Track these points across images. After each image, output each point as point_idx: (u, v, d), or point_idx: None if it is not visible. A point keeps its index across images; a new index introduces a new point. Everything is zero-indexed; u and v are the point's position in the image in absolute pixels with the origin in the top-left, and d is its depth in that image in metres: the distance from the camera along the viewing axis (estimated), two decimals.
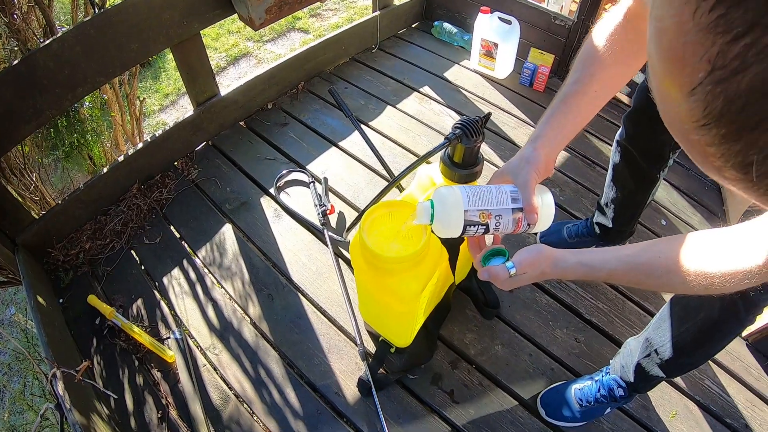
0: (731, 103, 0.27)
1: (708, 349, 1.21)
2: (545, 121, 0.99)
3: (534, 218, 0.96)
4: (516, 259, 0.96)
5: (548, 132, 0.98)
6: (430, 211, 0.96)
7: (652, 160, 1.57)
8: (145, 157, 2.16)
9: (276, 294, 1.83)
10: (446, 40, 3.16)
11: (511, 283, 0.97)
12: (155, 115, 4.19)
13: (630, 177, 1.65)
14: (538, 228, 1.01)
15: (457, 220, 0.92)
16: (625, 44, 0.92)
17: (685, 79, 0.29)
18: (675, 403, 1.60)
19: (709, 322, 1.14)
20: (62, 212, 1.94)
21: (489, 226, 0.95)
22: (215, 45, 4.85)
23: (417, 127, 2.52)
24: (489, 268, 0.97)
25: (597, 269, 0.90)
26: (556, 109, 0.98)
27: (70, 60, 1.67)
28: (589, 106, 0.99)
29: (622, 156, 1.62)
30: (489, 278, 0.98)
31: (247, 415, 1.55)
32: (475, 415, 1.54)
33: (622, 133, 1.59)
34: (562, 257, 0.94)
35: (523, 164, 0.97)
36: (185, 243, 2.01)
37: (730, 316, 1.11)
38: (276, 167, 2.28)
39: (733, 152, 0.29)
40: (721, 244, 0.78)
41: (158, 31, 1.89)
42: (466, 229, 0.94)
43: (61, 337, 1.62)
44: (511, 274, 0.95)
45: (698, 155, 0.33)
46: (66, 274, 1.89)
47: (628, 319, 1.79)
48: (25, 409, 2.53)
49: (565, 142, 1.00)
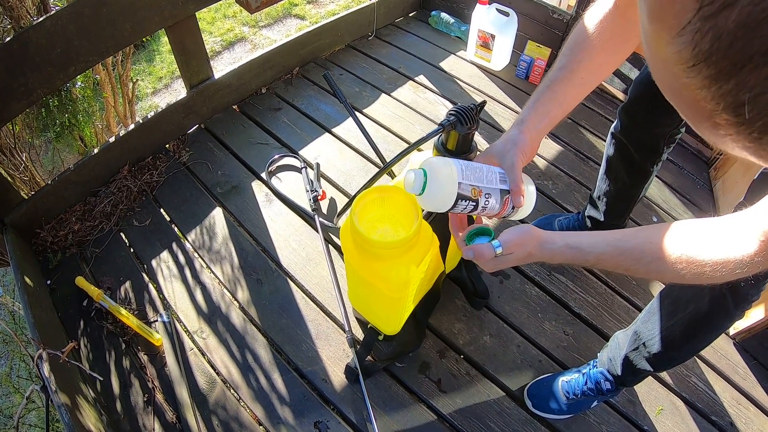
0: (719, 40, 0.27)
1: (696, 343, 1.22)
2: (531, 105, 0.99)
3: (520, 201, 0.95)
4: (503, 238, 0.92)
5: (534, 116, 0.98)
6: (422, 180, 0.92)
7: (645, 154, 1.57)
8: (137, 139, 2.14)
9: (265, 279, 1.82)
10: (443, 30, 3.14)
11: (496, 263, 0.94)
12: (148, 98, 4.15)
13: (623, 170, 1.65)
14: (519, 214, 1.01)
15: (449, 194, 0.89)
16: (614, 32, 0.92)
17: (674, 21, 0.29)
18: (661, 398, 1.60)
19: (698, 316, 1.14)
20: (52, 193, 1.92)
21: (478, 204, 0.93)
22: (210, 29, 4.81)
23: (411, 116, 2.51)
24: (474, 247, 0.93)
25: (585, 252, 0.88)
26: (542, 94, 0.98)
27: (63, 38, 1.65)
28: (575, 92, 0.99)
29: (616, 148, 1.62)
30: (473, 258, 0.94)
31: (234, 399, 1.54)
32: (462, 405, 1.54)
33: (617, 126, 1.59)
34: (550, 239, 0.91)
35: (509, 146, 0.97)
36: (175, 226, 1.99)
37: (720, 309, 1.11)
38: (268, 152, 2.27)
39: (724, 93, 0.29)
40: (713, 232, 0.77)
41: (153, 11, 1.86)
42: (456, 204, 0.91)
43: (48, 319, 1.61)
44: (497, 253, 0.91)
45: (689, 105, 0.33)
46: (54, 255, 1.87)
47: (617, 314, 1.79)
48: (12, 392, 2.52)
49: (550, 126, 1.00)
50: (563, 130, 2.49)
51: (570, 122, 2.54)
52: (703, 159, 2.48)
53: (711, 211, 2.21)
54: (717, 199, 2.25)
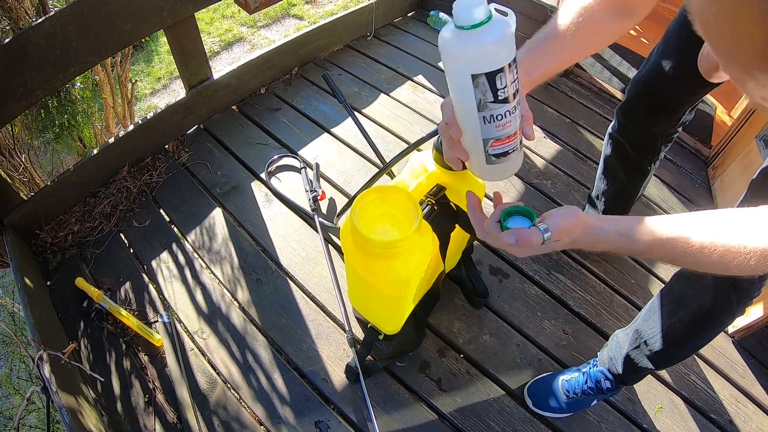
0: None
1: (698, 340, 1.22)
2: (524, 52, 0.92)
3: (530, 130, 0.85)
4: (549, 223, 0.80)
5: (527, 62, 0.90)
6: (487, 13, 0.72)
7: (643, 153, 1.57)
8: (136, 140, 2.14)
9: (265, 279, 1.82)
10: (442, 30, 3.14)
11: (539, 250, 0.82)
12: (147, 98, 4.15)
13: (621, 169, 1.65)
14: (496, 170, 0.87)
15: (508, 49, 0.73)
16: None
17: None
18: (660, 396, 1.61)
19: (701, 313, 1.14)
20: (51, 194, 1.92)
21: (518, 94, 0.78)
22: (209, 29, 4.81)
23: (410, 116, 2.51)
24: (520, 233, 0.79)
25: (634, 241, 0.79)
26: (536, 46, 0.93)
27: (62, 39, 1.65)
28: (570, 52, 0.94)
29: (614, 148, 1.63)
30: (516, 244, 0.79)
31: (234, 399, 1.54)
32: (462, 404, 1.55)
33: (614, 125, 1.60)
34: (597, 224, 0.82)
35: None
36: (174, 226, 1.99)
37: (724, 305, 1.11)
38: (267, 152, 2.27)
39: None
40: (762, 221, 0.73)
41: (152, 12, 1.86)
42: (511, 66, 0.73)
43: (48, 320, 1.61)
44: (545, 239, 0.79)
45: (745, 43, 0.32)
46: (54, 256, 1.87)
47: (616, 313, 1.80)
48: (12, 393, 2.52)
49: (540, 79, 0.92)
50: (562, 130, 2.50)
51: (568, 121, 2.55)
52: (702, 158, 2.48)
53: (709, 209, 2.20)
54: (715, 197, 2.25)
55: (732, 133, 2.28)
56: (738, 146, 2.21)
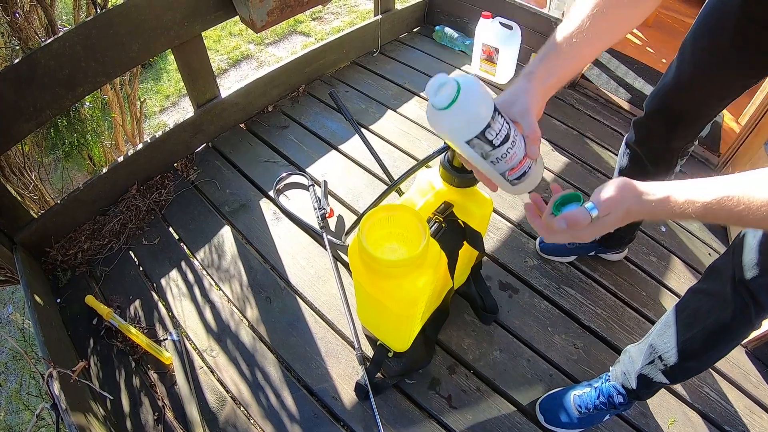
0: None
1: (716, 353, 1.20)
2: (539, 60, 0.92)
3: (535, 150, 0.87)
4: (595, 198, 0.80)
5: (542, 71, 0.90)
6: (455, 90, 0.77)
7: (659, 166, 1.54)
8: (145, 158, 2.16)
9: (274, 297, 1.82)
10: (447, 45, 3.16)
11: (594, 230, 0.81)
12: (156, 116, 4.19)
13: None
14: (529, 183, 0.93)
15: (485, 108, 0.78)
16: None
17: None
18: (674, 410, 1.59)
19: (719, 326, 1.13)
20: (61, 212, 1.93)
21: (510, 130, 0.82)
22: (217, 47, 4.86)
23: (417, 131, 2.52)
24: (566, 215, 0.80)
25: (691, 203, 0.75)
26: (550, 50, 0.91)
27: (71, 59, 1.67)
28: (585, 52, 0.93)
29: (630, 159, 1.60)
30: (567, 228, 0.80)
31: (244, 418, 1.54)
32: (473, 421, 1.54)
33: (631, 137, 1.57)
34: (648, 190, 0.78)
35: (519, 93, 0.89)
36: (184, 244, 2.00)
37: (743, 319, 1.10)
38: (275, 170, 2.28)
39: None
40: None
41: (159, 32, 1.89)
42: (492, 123, 0.79)
43: (58, 337, 1.62)
44: (593, 216, 0.79)
45: None
46: (64, 273, 1.88)
47: (627, 326, 1.78)
48: (22, 409, 2.52)
49: (558, 85, 0.92)
50: (569, 142, 2.49)
51: (576, 133, 2.55)
52: (710, 166, 2.47)
53: None
54: None
55: (740, 140, 2.27)
56: (746, 153, 2.20)
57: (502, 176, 0.89)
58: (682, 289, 1.90)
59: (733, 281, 1.08)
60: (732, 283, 1.09)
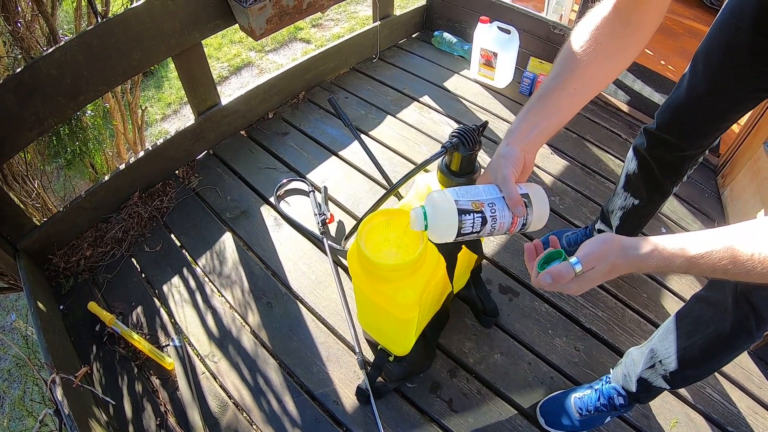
0: None
1: (715, 363, 1.20)
2: (521, 116, 0.97)
3: (521, 210, 0.92)
4: (580, 254, 0.83)
5: (523, 127, 0.95)
6: (422, 215, 0.94)
7: (669, 174, 1.54)
8: (147, 166, 2.17)
9: (275, 302, 1.83)
10: (446, 50, 3.17)
11: (580, 284, 0.83)
12: (157, 123, 4.21)
13: (643, 187, 1.60)
14: (534, 226, 0.97)
15: (451, 216, 0.89)
16: (610, 39, 0.91)
17: None
18: (676, 411, 1.59)
19: (719, 337, 1.13)
20: (63, 219, 1.94)
21: (485, 215, 0.91)
22: (217, 55, 4.88)
23: (417, 137, 2.53)
24: (551, 270, 0.83)
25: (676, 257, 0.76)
26: (532, 105, 0.96)
27: (73, 68, 1.69)
28: (568, 102, 0.95)
29: (639, 165, 1.58)
30: (552, 282, 0.83)
31: (246, 423, 1.54)
32: (474, 425, 1.54)
33: (642, 143, 1.54)
34: (634, 244, 0.80)
35: (499, 160, 0.95)
36: (185, 251, 2.01)
37: (742, 331, 1.09)
38: (276, 176, 2.29)
39: None
40: None
41: (160, 41, 1.90)
42: (462, 224, 0.90)
43: (61, 344, 1.63)
44: (577, 271, 0.81)
45: None
46: (67, 280, 1.89)
47: (628, 328, 1.78)
48: (25, 415, 2.53)
49: (543, 137, 0.96)
50: (568, 145, 2.50)
51: (575, 136, 2.55)
52: (710, 167, 2.47)
53: (720, 220, 2.20)
54: (726, 207, 2.24)
55: (740, 140, 2.27)
56: (746, 153, 2.20)
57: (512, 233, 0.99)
58: (682, 291, 1.90)
59: (735, 292, 1.08)
60: (734, 294, 1.08)
